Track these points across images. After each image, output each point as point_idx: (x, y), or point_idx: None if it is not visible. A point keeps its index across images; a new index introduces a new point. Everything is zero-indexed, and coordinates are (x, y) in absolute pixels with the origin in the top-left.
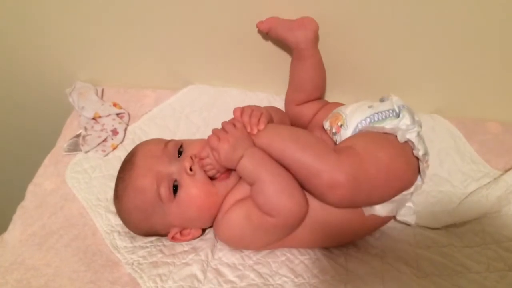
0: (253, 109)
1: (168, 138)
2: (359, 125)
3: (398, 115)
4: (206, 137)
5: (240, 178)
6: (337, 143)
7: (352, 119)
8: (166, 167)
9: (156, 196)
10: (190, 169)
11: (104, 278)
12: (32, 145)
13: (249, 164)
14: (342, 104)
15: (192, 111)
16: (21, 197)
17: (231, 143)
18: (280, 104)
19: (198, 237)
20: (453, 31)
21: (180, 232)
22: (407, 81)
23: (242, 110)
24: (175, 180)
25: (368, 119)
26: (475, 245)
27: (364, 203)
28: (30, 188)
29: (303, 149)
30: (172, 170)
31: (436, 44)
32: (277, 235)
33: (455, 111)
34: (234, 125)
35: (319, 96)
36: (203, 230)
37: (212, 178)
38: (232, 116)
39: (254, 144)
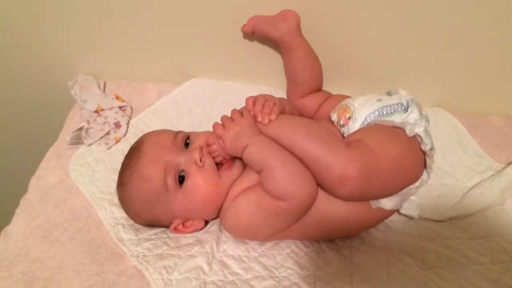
0: (266, 98)
1: None
2: (368, 117)
3: (406, 109)
4: (209, 131)
5: (244, 168)
6: (345, 135)
7: (361, 112)
8: (174, 157)
9: (162, 186)
10: (200, 160)
11: (109, 270)
12: (34, 138)
13: (256, 151)
14: (347, 96)
15: (195, 104)
16: (23, 190)
17: (235, 131)
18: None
19: (200, 229)
20: (456, 24)
21: (183, 224)
22: (409, 74)
23: (255, 99)
24: (182, 171)
25: (377, 112)
26: (479, 237)
27: (373, 197)
28: (33, 181)
29: (315, 141)
30: (180, 160)
31: (438, 38)
32: (287, 221)
33: (458, 105)
34: (242, 114)
35: (317, 86)
36: (206, 223)
37: (217, 165)
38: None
39: (263, 134)
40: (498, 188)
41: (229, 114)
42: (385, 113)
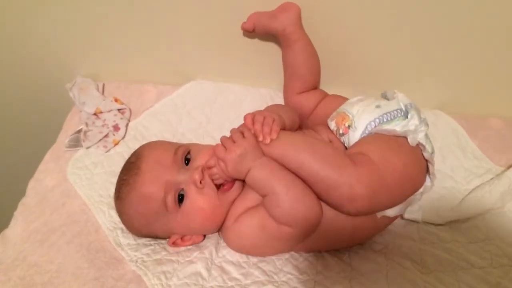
0: (265, 116)
1: (170, 134)
2: (368, 126)
3: (406, 114)
4: (208, 133)
5: (243, 186)
6: (346, 144)
7: (360, 120)
8: (174, 176)
9: (162, 205)
10: (200, 182)
11: (108, 275)
12: (32, 141)
13: (260, 175)
14: (343, 98)
15: (194, 107)
16: (21, 193)
17: (238, 154)
18: (282, 100)
19: (199, 242)
20: (456, 25)
21: (181, 238)
22: (408, 76)
23: (254, 116)
24: (182, 189)
25: (377, 120)
26: (479, 240)
27: (380, 210)
28: (31, 184)
29: (321, 161)
30: (180, 179)
31: (438, 39)
32: (291, 244)
33: (457, 107)
34: (243, 134)
35: (315, 83)
36: (204, 236)
37: (218, 186)
38: (234, 112)
39: (266, 154)
40: (498, 191)
41: (228, 117)
42: (385, 120)
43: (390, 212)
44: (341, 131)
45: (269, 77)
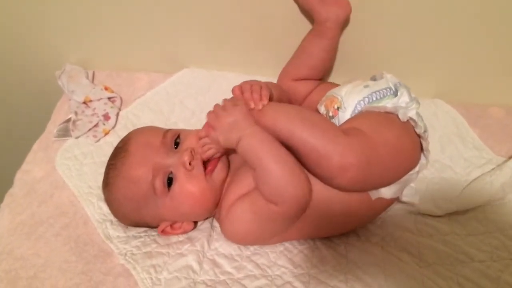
0: (251, 84)
1: (162, 123)
2: (358, 105)
3: (395, 93)
4: (201, 122)
5: (229, 166)
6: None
7: (349, 100)
8: (163, 159)
9: (150, 188)
10: (190, 164)
11: (96, 268)
12: (20, 130)
13: (249, 145)
14: (336, 85)
15: (187, 95)
16: (9, 184)
17: (229, 122)
18: None
19: (189, 231)
20: (455, 13)
21: (171, 226)
22: (406, 64)
23: (241, 87)
24: (170, 173)
25: (367, 99)
26: (478, 233)
27: (373, 185)
28: (19, 175)
29: (311, 129)
30: (169, 162)
31: (437, 27)
32: (284, 224)
33: (457, 96)
34: (234, 103)
35: (321, 78)
36: (195, 223)
37: (205, 163)
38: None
39: (258, 123)
40: (498, 182)
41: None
42: (374, 99)
43: (386, 193)
44: (330, 114)
45: (264, 65)
